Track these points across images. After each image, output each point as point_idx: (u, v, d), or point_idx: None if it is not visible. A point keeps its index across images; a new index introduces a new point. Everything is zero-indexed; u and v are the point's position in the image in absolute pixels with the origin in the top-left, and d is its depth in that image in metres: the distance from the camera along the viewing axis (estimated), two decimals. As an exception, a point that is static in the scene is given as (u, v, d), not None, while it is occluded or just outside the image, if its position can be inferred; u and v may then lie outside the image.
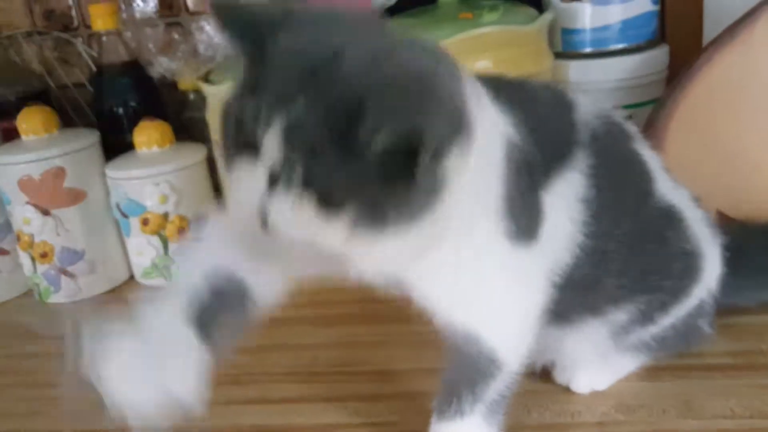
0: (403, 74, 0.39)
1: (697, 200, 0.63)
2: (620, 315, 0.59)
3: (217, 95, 0.92)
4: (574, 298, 0.55)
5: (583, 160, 0.53)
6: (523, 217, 0.50)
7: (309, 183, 0.40)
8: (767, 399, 0.59)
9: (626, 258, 0.56)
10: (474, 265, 0.49)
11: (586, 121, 0.55)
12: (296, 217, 0.41)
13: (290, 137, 0.40)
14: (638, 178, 0.59)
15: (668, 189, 0.60)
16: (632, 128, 0.60)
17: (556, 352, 0.63)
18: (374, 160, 0.39)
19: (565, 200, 0.52)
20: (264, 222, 0.42)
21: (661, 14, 0.99)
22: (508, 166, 0.48)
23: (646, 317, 0.59)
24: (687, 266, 0.60)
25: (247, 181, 0.42)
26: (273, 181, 0.41)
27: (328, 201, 0.40)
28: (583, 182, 0.53)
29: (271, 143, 0.40)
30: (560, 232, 0.52)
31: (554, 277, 0.53)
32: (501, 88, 0.51)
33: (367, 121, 0.38)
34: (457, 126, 0.41)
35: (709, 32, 0.92)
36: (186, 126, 1.10)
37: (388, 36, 0.46)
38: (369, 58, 0.40)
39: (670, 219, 0.59)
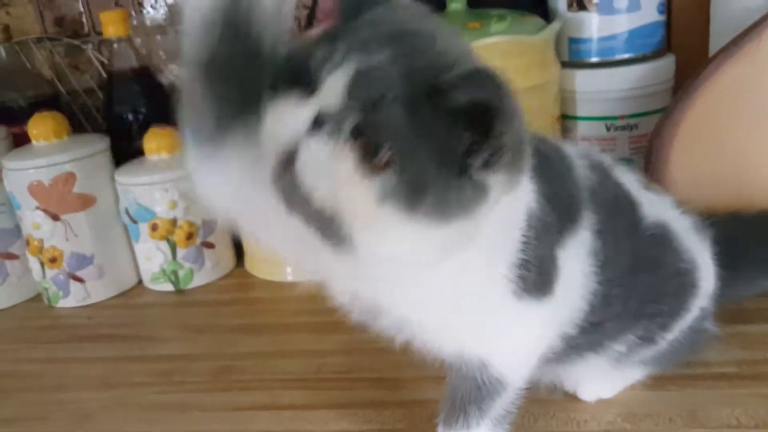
0: (493, 73, 0.37)
1: (681, 204, 0.63)
2: (619, 347, 0.59)
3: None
4: (577, 341, 0.56)
5: (589, 218, 0.54)
6: (539, 272, 0.50)
7: (358, 135, 0.38)
8: (773, 409, 0.60)
9: (625, 298, 0.56)
10: (484, 304, 0.50)
11: (584, 176, 0.55)
12: (331, 165, 0.38)
13: (359, 83, 0.38)
14: (627, 212, 0.58)
15: (652, 206, 0.59)
16: (608, 160, 0.60)
17: (560, 373, 0.63)
18: (436, 127, 0.38)
19: (578, 256, 0.53)
20: (287, 161, 0.39)
21: (668, 24, 0.99)
22: (528, 227, 0.49)
23: (646, 340, 0.60)
24: (683, 283, 0.60)
25: (285, 116, 0.40)
26: (318, 123, 0.39)
27: (372, 160, 0.38)
28: (591, 237, 0.54)
29: (335, 85, 0.39)
30: (575, 284, 0.53)
31: (568, 326, 0.54)
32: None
33: (454, 72, 0.38)
34: (518, 145, 0.40)
35: (716, 42, 0.92)
36: (194, 132, 1.10)
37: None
38: (462, 48, 0.42)
39: (660, 240, 0.59)
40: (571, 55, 0.98)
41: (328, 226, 0.40)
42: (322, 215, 0.40)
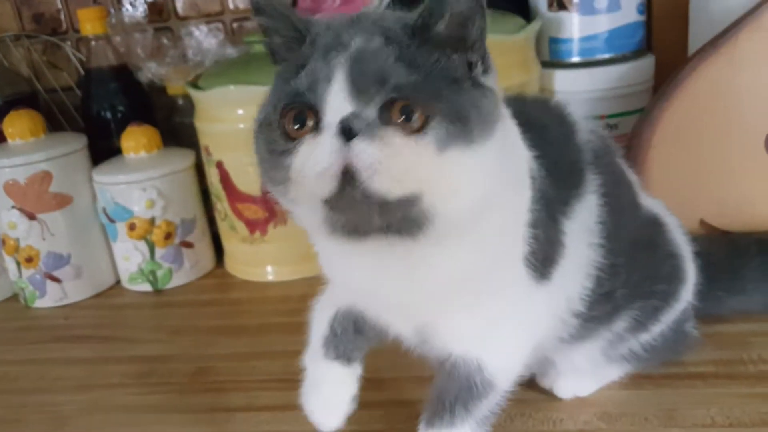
0: None
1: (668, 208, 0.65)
2: (620, 323, 0.60)
3: (205, 100, 0.92)
4: (595, 314, 0.57)
5: (593, 181, 0.55)
6: (542, 254, 0.51)
7: (385, 113, 0.41)
8: (747, 408, 0.60)
9: (629, 267, 0.58)
10: (494, 303, 0.52)
11: (587, 139, 0.57)
12: (385, 151, 0.41)
13: (357, 78, 0.41)
14: (629, 188, 0.61)
15: (646, 197, 0.63)
16: (613, 141, 0.62)
17: (546, 361, 0.63)
18: (435, 64, 0.43)
19: (586, 226, 0.54)
20: (343, 183, 0.41)
21: (648, 25, 1.00)
22: (533, 197, 0.51)
23: (640, 324, 0.61)
24: (674, 269, 0.62)
25: (318, 150, 0.41)
26: (346, 132, 0.41)
27: (410, 124, 0.41)
28: (597, 202, 0.55)
29: (337, 92, 0.42)
30: (582, 259, 0.55)
31: (576, 306, 0.56)
32: (515, 113, 0.52)
33: (420, 9, 0.43)
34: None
35: (695, 43, 0.93)
36: (175, 131, 1.10)
37: None
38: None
39: (655, 225, 0.62)
40: (552, 55, 0.98)
41: (407, 215, 0.43)
42: (398, 208, 0.42)
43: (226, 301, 0.94)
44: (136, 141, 0.97)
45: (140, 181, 0.93)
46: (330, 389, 0.58)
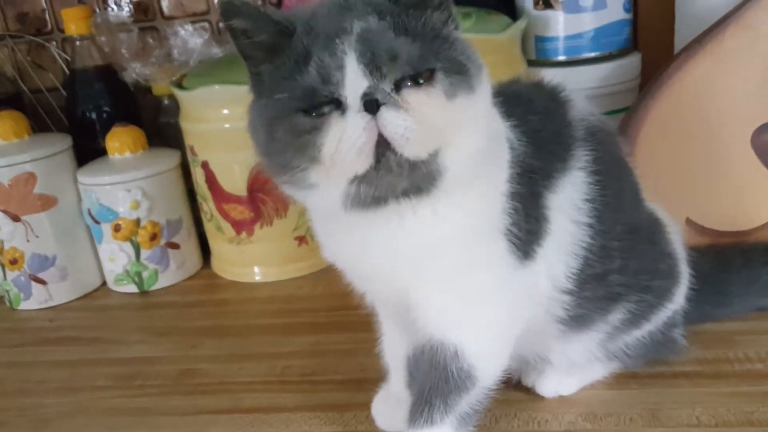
0: None
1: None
2: (618, 315, 0.60)
3: (190, 100, 0.92)
4: (588, 294, 0.57)
5: (582, 157, 0.56)
6: (524, 228, 0.52)
7: (401, 77, 0.44)
8: (732, 407, 0.60)
9: (626, 255, 0.58)
10: (473, 277, 0.52)
11: (581, 117, 0.57)
12: (411, 113, 0.43)
13: (367, 53, 0.43)
14: (629, 176, 0.62)
15: (648, 197, 0.63)
16: (616, 130, 0.63)
17: (535, 356, 0.63)
18: (424, 24, 0.45)
19: (571, 201, 0.55)
20: (379, 153, 0.43)
21: (634, 22, 1.00)
22: (512, 170, 0.52)
23: (634, 319, 0.61)
24: (671, 268, 0.63)
25: (349, 129, 0.43)
26: (373, 108, 0.43)
27: (420, 82, 0.44)
28: (586, 179, 0.55)
29: (354, 76, 0.43)
30: (567, 236, 0.55)
31: (565, 284, 0.56)
32: (495, 91, 0.53)
33: None
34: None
35: (681, 41, 0.92)
36: (161, 131, 1.09)
37: None
38: None
39: (656, 222, 0.63)
40: (538, 54, 0.98)
41: (428, 171, 0.45)
42: (424, 166, 0.45)
43: (212, 302, 0.94)
44: (121, 141, 0.96)
45: (125, 182, 0.92)
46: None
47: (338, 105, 0.44)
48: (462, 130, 0.46)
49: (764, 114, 0.79)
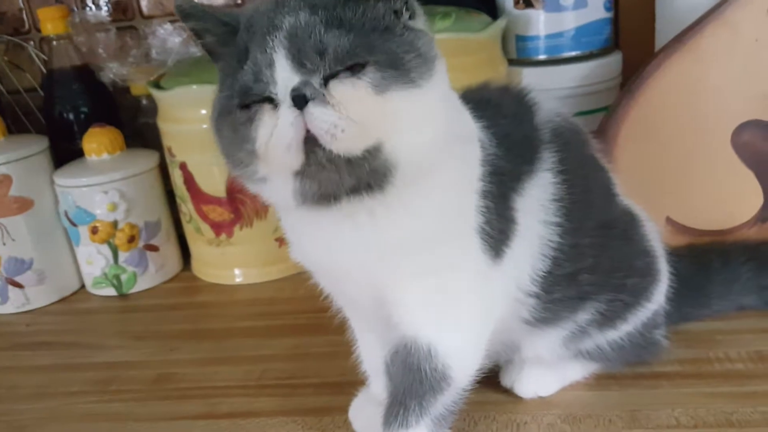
0: None
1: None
2: (585, 314, 0.59)
3: (167, 100, 0.91)
4: (557, 296, 0.57)
5: (549, 158, 0.55)
6: (496, 227, 0.52)
7: (330, 73, 0.43)
8: (712, 408, 0.59)
9: (598, 252, 0.58)
10: (446, 275, 0.51)
11: (547, 119, 0.57)
12: (337, 106, 0.43)
13: (296, 44, 0.43)
14: (599, 173, 0.61)
15: (623, 193, 0.63)
16: (584, 128, 0.62)
17: (509, 353, 0.63)
18: (365, 17, 0.45)
19: (539, 202, 0.54)
20: (312, 148, 0.43)
21: (615, 21, 0.99)
22: (484, 169, 0.51)
23: (607, 319, 0.60)
24: (648, 266, 0.62)
25: (279, 124, 0.43)
26: (301, 103, 0.43)
27: (353, 75, 0.43)
28: (553, 180, 0.55)
29: (283, 71, 0.43)
30: (534, 238, 0.55)
31: (530, 287, 0.55)
32: (465, 95, 0.54)
33: None
34: None
35: (662, 39, 0.92)
36: (140, 132, 1.08)
37: None
38: None
39: (631, 218, 0.62)
40: (519, 53, 0.97)
41: (373, 167, 0.44)
42: (364, 162, 0.44)
43: (192, 305, 0.93)
44: (98, 143, 0.95)
45: (102, 183, 0.91)
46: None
47: (271, 101, 0.44)
48: (402, 124, 0.45)
49: (744, 112, 0.79)
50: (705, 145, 0.79)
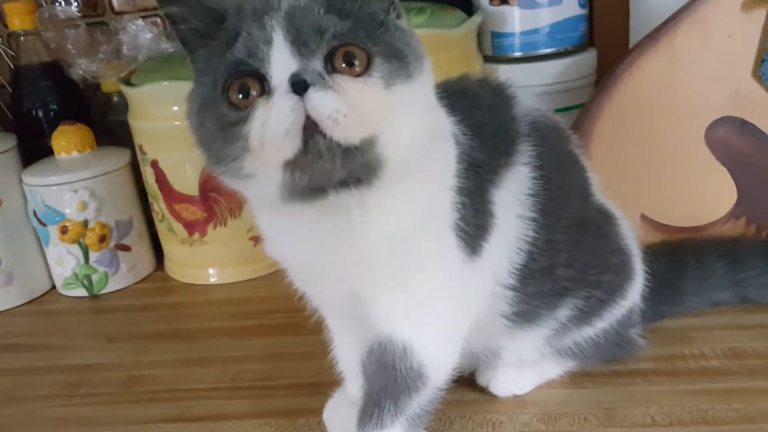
0: None
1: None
2: (563, 310, 0.59)
3: (138, 97, 0.89)
4: (532, 290, 0.56)
5: (526, 152, 0.55)
6: (472, 224, 0.51)
7: (330, 61, 0.42)
8: (687, 406, 0.59)
9: (572, 248, 0.57)
10: (422, 273, 0.51)
11: (525, 113, 0.57)
12: (341, 95, 0.42)
13: (295, 35, 0.42)
14: (576, 169, 0.61)
15: (599, 191, 0.62)
16: (562, 124, 0.62)
17: (490, 358, 0.62)
18: (359, 6, 0.45)
19: (515, 196, 0.54)
20: (312, 135, 0.41)
21: (590, 18, 0.99)
22: (458, 169, 0.51)
23: (584, 316, 0.60)
24: (622, 264, 0.62)
25: (275, 111, 0.42)
26: (301, 88, 0.41)
27: (354, 68, 0.43)
28: (529, 174, 0.55)
29: (281, 50, 0.42)
30: (511, 231, 0.54)
31: (507, 280, 0.55)
32: (443, 86, 0.52)
33: None
34: None
35: (636, 36, 0.92)
36: (111, 130, 1.06)
37: None
38: None
39: (606, 216, 0.62)
40: (494, 50, 0.97)
41: (366, 160, 0.43)
42: (359, 153, 0.43)
43: (165, 306, 0.91)
44: (68, 140, 0.93)
45: (71, 182, 0.89)
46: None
47: (261, 83, 0.43)
48: (399, 118, 0.44)
49: (718, 109, 0.79)
50: (679, 142, 0.80)
